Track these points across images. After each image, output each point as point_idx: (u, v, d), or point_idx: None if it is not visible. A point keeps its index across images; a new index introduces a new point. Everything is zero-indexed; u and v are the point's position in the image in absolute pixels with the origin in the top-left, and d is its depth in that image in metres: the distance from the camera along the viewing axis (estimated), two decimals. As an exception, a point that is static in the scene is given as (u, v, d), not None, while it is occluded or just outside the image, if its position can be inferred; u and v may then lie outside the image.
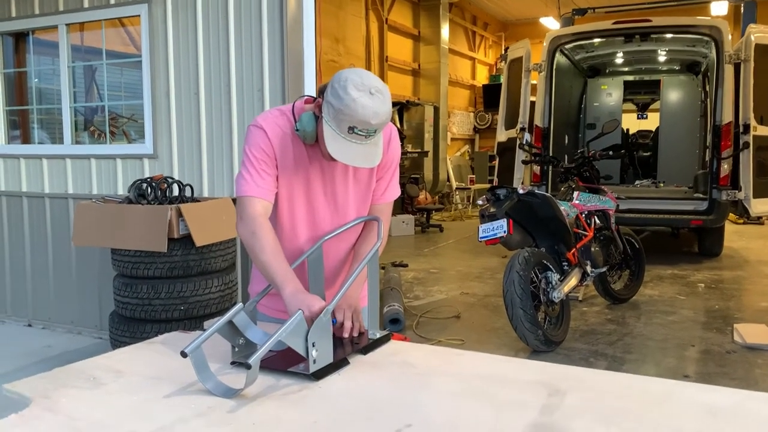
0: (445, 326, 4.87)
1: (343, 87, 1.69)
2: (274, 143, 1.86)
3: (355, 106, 1.67)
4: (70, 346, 4.54)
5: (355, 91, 1.67)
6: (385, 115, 1.72)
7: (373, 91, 1.69)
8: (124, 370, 1.65)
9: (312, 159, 1.91)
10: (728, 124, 6.83)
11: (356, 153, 1.74)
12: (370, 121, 1.69)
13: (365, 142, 1.73)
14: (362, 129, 1.70)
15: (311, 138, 1.82)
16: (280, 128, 1.88)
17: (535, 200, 4.29)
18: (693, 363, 4.01)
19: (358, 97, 1.67)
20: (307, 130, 1.80)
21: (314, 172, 1.93)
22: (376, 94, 1.69)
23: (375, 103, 1.69)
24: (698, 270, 6.88)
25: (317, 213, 1.97)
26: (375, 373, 1.61)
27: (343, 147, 1.72)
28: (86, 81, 5.50)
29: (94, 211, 3.64)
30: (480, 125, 15.91)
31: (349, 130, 1.70)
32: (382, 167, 2.00)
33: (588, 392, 1.47)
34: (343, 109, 1.68)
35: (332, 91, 1.72)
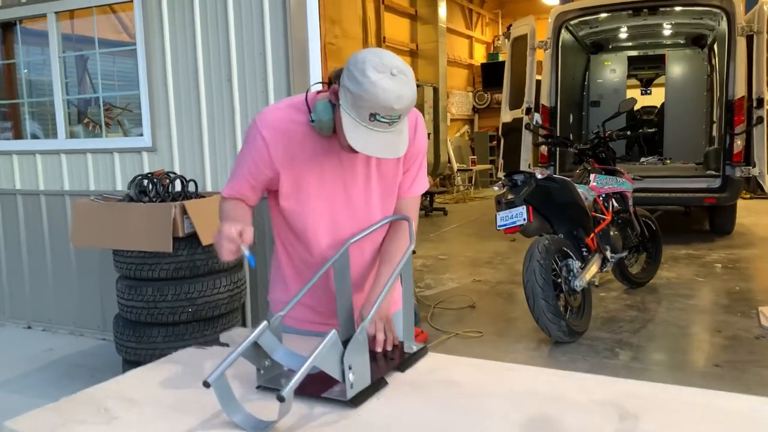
0: (460, 317, 4.71)
1: (361, 69, 1.49)
2: (272, 145, 1.69)
3: (376, 90, 1.47)
4: (72, 348, 4.38)
5: (374, 73, 1.48)
6: (410, 98, 1.52)
7: (394, 71, 1.49)
8: (138, 399, 1.48)
9: (329, 153, 1.72)
10: (741, 99, 6.63)
11: (380, 143, 1.55)
12: (393, 106, 1.49)
13: (389, 129, 1.54)
14: (385, 115, 1.50)
15: (328, 129, 1.63)
16: (287, 124, 1.70)
17: (553, 185, 4.11)
18: (722, 350, 3.86)
19: (378, 80, 1.48)
20: (323, 120, 1.62)
21: (333, 168, 1.74)
22: (398, 75, 1.50)
23: (397, 85, 1.49)
24: (712, 249, 6.72)
25: (338, 213, 1.78)
26: (419, 396, 1.44)
27: (365, 137, 1.53)
28: (78, 71, 5.27)
29: (93, 210, 3.45)
30: (479, 105, 15.67)
31: (370, 118, 1.51)
32: (408, 158, 1.80)
33: (662, 414, 1.30)
34: (363, 94, 1.49)
35: (349, 74, 1.52)
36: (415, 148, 1.80)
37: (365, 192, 1.79)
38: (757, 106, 6.60)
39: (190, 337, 3.32)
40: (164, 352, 3.26)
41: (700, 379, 3.47)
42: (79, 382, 3.79)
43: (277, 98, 3.82)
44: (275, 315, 1.54)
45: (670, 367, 3.68)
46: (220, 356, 1.75)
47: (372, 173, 1.78)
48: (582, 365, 3.73)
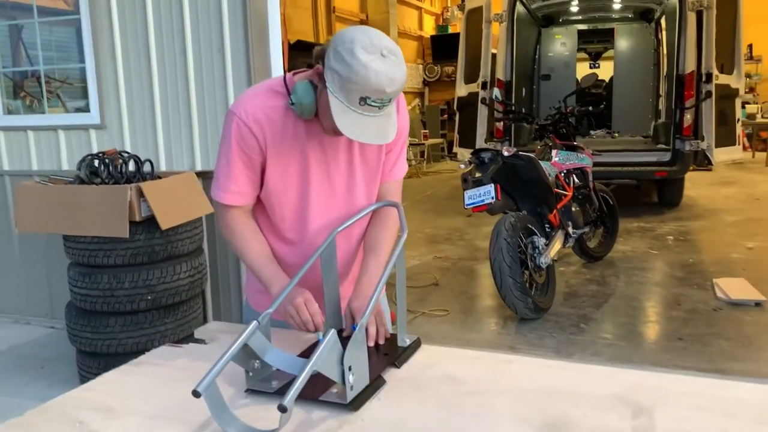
0: (424, 295, 4.67)
1: (350, 50, 1.39)
2: (257, 133, 1.58)
3: (367, 73, 1.37)
4: (19, 338, 4.13)
5: (364, 54, 1.38)
6: (402, 80, 1.43)
7: (385, 52, 1.40)
8: (116, 408, 1.35)
9: (311, 137, 1.62)
10: (691, 74, 6.76)
11: (370, 128, 1.45)
12: (386, 89, 1.40)
13: (378, 114, 1.45)
14: (376, 99, 1.41)
15: (310, 112, 1.53)
16: (265, 111, 1.58)
17: (519, 163, 4.08)
18: (683, 324, 3.94)
19: (369, 62, 1.38)
20: (304, 104, 1.51)
21: (315, 153, 1.64)
22: (388, 56, 1.40)
23: (389, 66, 1.40)
24: (663, 222, 6.89)
25: (322, 199, 1.69)
26: (420, 396, 1.36)
27: (355, 122, 1.43)
28: (12, 41, 4.91)
29: (39, 194, 3.22)
30: (429, 78, 15.59)
31: (360, 102, 1.41)
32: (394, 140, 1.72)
33: (677, 408, 1.26)
34: (353, 77, 1.38)
35: (336, 55, 1.41)
36: (397, 129, 1.70)
37: (348, 177, 1.70)
38: (706, 80, 6.74)
39: (150, 325, 3.15)
40: (122, 342, 3.14)
41: (665, 353, 3.53)
42: (29, 374, 3.59)
43: (235, 70, 3.63)
44: (263, 313, 1.42)
45: (634, 342, 3.74)
46: (197, 354, 1.64)
47: (355, 158, 1.69)
48: (550, 342, 3.75)
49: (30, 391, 3.37)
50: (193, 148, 3.79)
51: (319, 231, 1.70)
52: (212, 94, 3.70)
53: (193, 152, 3.79)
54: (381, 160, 1.74)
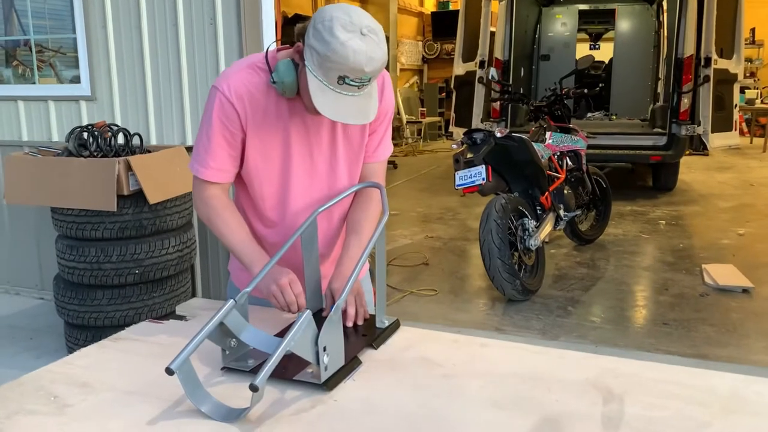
0: (414, 275, 4.68)
1: (329, 28, 1.38)
2: (240, 110, 1.56)
3: (345, 51, 1.37)
4: (9, 309, 4.14)
5: (343, 33, 1.37)
6: (381, 60, 1.42)
7: (364, 31, 1.39)
8: (92, 383, 1.36)
9: (294, 115, 1.61)
10: (690, 57, 6.71)
11: (349, 107, 1.45)
12: (364, 69, 1.39)
13: (358, 93, 1.44)
14: (354, 78, 1.40)
15: (291, 90, 1.52)
16: (248, 87, 1.57)
17: (512, 144, 4.06)
18: (669, 309, 3.96)
19: (347, 40, 1.37)
20: (285, 82, 1.50)
21: (298, 132, 1.63)
22: (368, 35, 1.39)
23: (368, 45, 1.38)
24: (656, 206, 6.89)
25: (304, 179, 1.68)
26: (395, 377, 1.37)
27: (334, 101, 1.43)
28: (4, 8, 4.85)
29: (28, 165, 3.20)
30: (429, 55, 15.45)
31: (338, 81, 1.40)
32: (375, 120, 1.68)
33: (647, 395, 1.27)
34: (331, 56, 1.37)
35: (315, 33, 1.40)
36: (381, 109, 1.69)
37: (331, 157, 1.69)
38: (705, 65, 6.69)
39: (137, 299, 3.16)
40: (110, 315, 3.15)
41: (649, 338, 3.56)
42: (18, 345, 3.60)
43: (227, 44, 3.60)
44: (241, 292, 1.42)
45: (620, 326, 3.76)
46: (177, 331, 1.65)
47: (338, 138, 1.68)
48: (536, 324, 3.77)
49: (18, 361, 3.38)
50: (184, 123, 3.76)
51: (299, 211, 1.70)
52: (203, 67, 3.67)
53: (184, 126, 3.77)
54: (365, 141, 1.73)
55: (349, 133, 1.69)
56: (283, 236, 1.66)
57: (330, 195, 1.70)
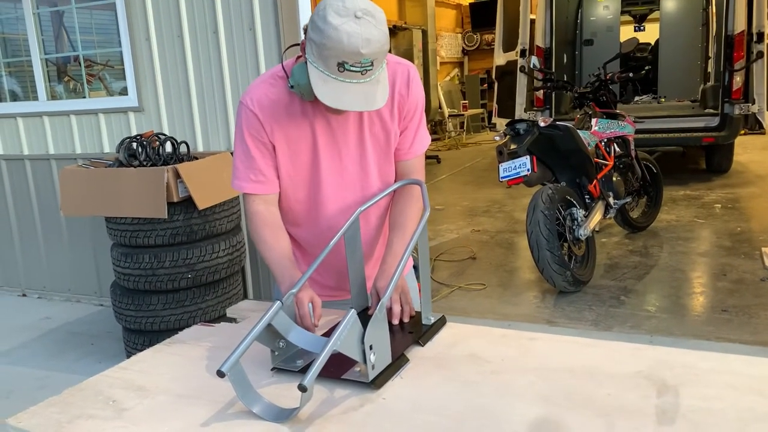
0: (462, 269, 4.66)
1: (323, 16, 1.39)
2: (265, 120, 1.59)
3: (339, 35, 1.37)
4: (69, 316, 4.31)
5: (336, 18, 1.37)
6: (379, 41, 1.40)
7: (359, 14, 1.38)
8: (147, 387, 1.40)
9: (318, 118, 1.62)
10: (741, 34, 6.46)
11: (354, 95, 1.44)
12: (361, 50, 1.38)
13: (363, 80, 1.43)
14: (354, 63, 1.39)
15: (309, 92, 1.51)
16: (271, 98, 1.59)
17: (556, 133, 3.99)
18: (728, 295, 3.83)
19: (340, 24, 1.37)
20: (301, 84, 1.50)
21: (324, 134, 1.64)
22: (363, 18, 1.38)
23: (363, 28, 1.38)
24: (711, 189, 6.67)
25: (335, 181, 1.69)
26: (443, 374, 1.37)
27: (336, 90, 1.42)
28: (54, 26, 5.03)
29: (81, 177, 3.31)
30: (468, 47, 15.32)
31: (339, 68, 1.40)
32: (404, 115, 1.69)
33: (703, 386, 1.23)
34: (326, 42, 1.38)
35: (312, 25, 1.42)
36: (410, 103, 1.68)
37: (360, 157, 1.69)
38: (757, 40, 6.44)
39: (191, 303, 3.24)
40: (165, 319, 3.23)
41: (708, 326, 3.45)
42: (80, 350, 3.74)
43: (266, 49, 3.65)
44: (287, 294, 1.44)
45: (676, 314, 3.66)
46: (228, 333, 1.68)
47: (365, 137, 1.67)
48: (588, 315, 3.70)
49: (81, 366, 3.51)
50: (229, 128, 3.83)
51: (333, 214, 1.70)
52: (245, 73, 3.73)
53: (229, 132, 3.84)
54: (392, 139, 1.71)
55: (375, 132, 1.68)
56: (319, 239, 1.68)
57: (363, 195, 1.70)
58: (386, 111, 1.67)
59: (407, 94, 1.66)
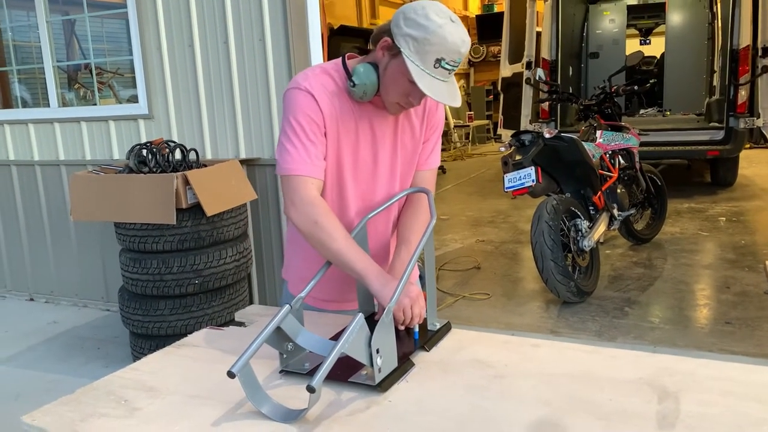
0: (466, 279, 4.68)
1: (424, 15, 1.47)
2: (323, 107, 1.60)
3: (444, 33, 1.46)
4: (77, 320, 4.34)
5: (438, 18, 1.47)
6: (469, 44, 1.52)
7: (453, 18, 1.50)
8: (158, 388, 1.43)
9: (363, 120, 1.66)
10: (746, 48, 6.50)
11: (443, 90, 1.52)
12: (460, 50, 1.49)
13: (447, 79, 1.52)
14: (450, 61, 1.49)
15: (371, 93, 1.59)
16: (326, 89, 1.62)
17: (561, 144, 4.03)
18: (731, 307, 3.84)
19: (443, 23, 1.46)
20: (367, 83, 1.57)
21: (365, 136, 1.68)
22: (456, 22, 1.50)
23: (459, 30, 1.49)
24: (715, 202, 6.69)
25: (368, 183, 1.73)
26: (448, 379, 1.40)
27: (432, 84, 1.50)
28: (66, 34, 5.11)
29: (91, 183, 3.36)
30: (475, 58, 15.39)
31: (435, 64, 1.48)
32: (429, 127, 1.77)
33: (703, 392, 1.26)
34: (430, 38, 1.46)
35: (408, 22, 1.49)
36: (437, 118, 1.78)
37: (392, 162, 1.74)
38: (762, 55, 6.48)
39: (198, 308, 3.27)
40: (172, 324, 3.27)
41: (711, 337, 3.46)
42: (87, 355, 3.77)
43: (276, 59, 3.70)
44: (296, 297, 1.48)
45: (680, 326, 3.67)
46: (237, 337, 1.71)
47: (398, 143, 1.73)
48: (592, 325, 3.72)
49: (88, 370, 3.54)
50: (237, 136, 3.88)
51: (360, 212, 1.73)
52: (254, 83, 3.78)
53: (237, 140, 3.88)
54: (416, 148, 1.77)
55: (405, 140, 1.74)
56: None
57: (388, 198, 1.75)
58: (417, 121, 1.74)
59: (436, 108, 1.76)
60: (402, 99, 1.58)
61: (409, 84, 1.51)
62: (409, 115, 1.73)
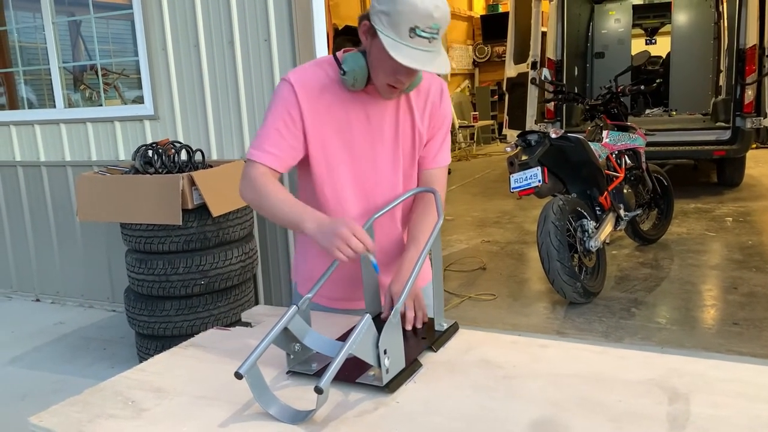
0: (472, 279, 4.67)
1: None
2: (303, 101, 1.61)
3: (412, 0, 1.43)
4: (83, 321, 4.35)
5: None
6: (446, 8, 1.48)
7: None
8: (165, 388, 1.42)
9: (357, 112, 1.66)
10: (753, 48, 6.47)
11: (424, 58, 1.48)
12: (432, 14, 1.44)
13: (429, 48, 1.48)
14: (425, 28, 1.45)
15: (362, 79, 1.58)
16: (312, 80, 1.63)
17: (567, 144, 4.02)
18: (739, 308, 3.82)
19: None
20: (356, 70, 1.57)
21: (361, 129, 1.67)
22: None
23: None
24: (722, 202, 6.66)
25: (367, 179, 1.71)
26: (455, 379, 1.39)
27: (409, 54, 1.47)
28: (71, 36, 5.12)
29: (97, 184, 3.36)
30: (479, 58, 15.37)
31: (410, 34, 1.45)
32: (434, 124, 1.75)
33: (713, 394, 1.25)
34: (399, 8, 1.44)
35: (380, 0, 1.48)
36: (440, 114, 1.75)
37: (393, 152, 1.72)
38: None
39: (204, 309, 3.27)
40: (178, 325, 3.27)
41: (718, 338, 3.45)
42: (93, 355, 3.78)
43: (281, 59, 3.70)
44: (303, 297, 1.47)
45: (687, 327, 3.65)
46: (243, 337, 1.71)
47: (399, 133, 1.71)
48: (599, 326, 3.70)
49: (93, 370, 3.55)
50: (243, 137, 3.88)
51: (363, 212, 1.72)
52: (260, 83, 3.78)
53: (243, 141, 3.88)
54: (416, 139, 1.74)
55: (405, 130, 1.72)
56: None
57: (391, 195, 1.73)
58: (418, 114, 1.72)
59: (439, 104, 1.73)
60: (390, 78, 1.56)
61: (392, 60, 1.47)
62: (410, 105, 1.71)
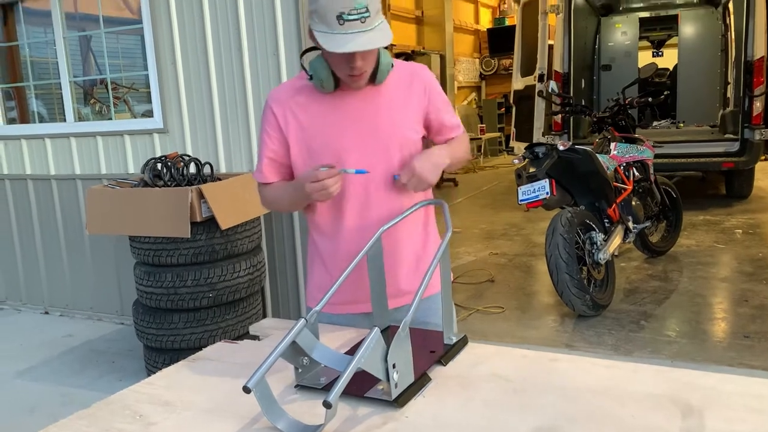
0: (480, 292, 4.65)
1: None
2: (278, 114, 1.71)
3: None
4: (91, 334, 4.35)
5: None
6: None
7: None
8: (174, 402, 1.42)
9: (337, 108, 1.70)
10: (761, 59, 6.46)
11: (359, 40, 1.51)
12: None
13: (365, 29, 1.52)
14: (350, 11, 1.49)
15: (329, 78, 1.62)
16: (290, 95, 1.71)
17: (575, 156, 4.01)
18: (750, 321, 3.79)
19: None
20: (319, 71, 1.62)
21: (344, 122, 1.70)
22: None
23: None
24: (731, 214, 6.62)
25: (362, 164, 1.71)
26: (466, 394, 1.38)
27: (342, 40, 1.51)
28: (82, 50, 5.17)
29: (107, 197, 3.38)
30: (486, 71, 15.41)
31: (339, 21, 1.49)
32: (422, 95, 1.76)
33: (727, 408, 1.23)
34: (321, 1, 1.50)
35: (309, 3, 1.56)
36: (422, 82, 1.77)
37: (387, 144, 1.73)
38: (778, 65, 6.43)
39: (212, 322, 3.27)
40: (186, 337, 3.27)
41: (729, 351, 3.41)
42: (101, 368, 3.78)
43: (289, 74, 3.71)
44: (312, 311, 1.47)
45: (697, 340, 3.62)
46: (251, 350, 1.70)
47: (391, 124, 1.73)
48: (608, 339, 3.68)
49: (102, 383, 3.55)
50: (251, 150, 3.90)
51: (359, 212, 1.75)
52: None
53: (251, 154, 3.90)
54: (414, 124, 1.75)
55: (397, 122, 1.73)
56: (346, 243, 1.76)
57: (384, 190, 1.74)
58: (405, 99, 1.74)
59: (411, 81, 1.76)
60: (345, 68, 1.60)
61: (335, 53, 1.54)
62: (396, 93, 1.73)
